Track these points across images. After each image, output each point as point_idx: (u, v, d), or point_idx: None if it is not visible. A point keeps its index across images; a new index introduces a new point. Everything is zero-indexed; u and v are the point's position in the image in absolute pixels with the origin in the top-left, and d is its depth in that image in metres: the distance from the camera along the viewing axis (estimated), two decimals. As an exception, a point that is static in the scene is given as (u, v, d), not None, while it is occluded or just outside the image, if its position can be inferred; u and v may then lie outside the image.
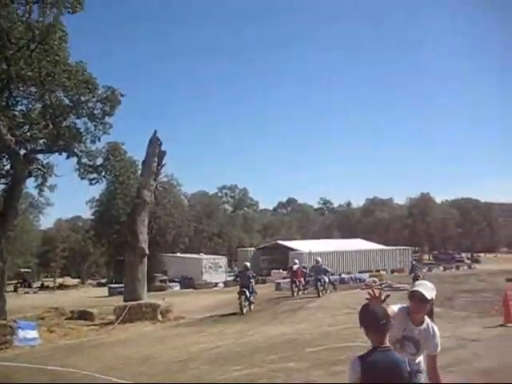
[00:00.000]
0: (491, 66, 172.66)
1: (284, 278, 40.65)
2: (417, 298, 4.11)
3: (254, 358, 10.63)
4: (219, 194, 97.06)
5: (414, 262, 39.84)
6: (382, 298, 3.75)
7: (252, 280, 20.86)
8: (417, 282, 4.38)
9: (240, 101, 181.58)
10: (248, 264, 22.40)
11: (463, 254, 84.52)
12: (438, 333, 4.20)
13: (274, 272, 49.48)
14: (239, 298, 20.05)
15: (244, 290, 20.15)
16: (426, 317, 4.20)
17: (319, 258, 26.87)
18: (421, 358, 4.23)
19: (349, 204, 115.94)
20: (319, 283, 23.62)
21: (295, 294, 24.98)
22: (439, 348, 4.18)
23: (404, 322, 4.15)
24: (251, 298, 20.67)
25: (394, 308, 4.12)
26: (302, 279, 25.62)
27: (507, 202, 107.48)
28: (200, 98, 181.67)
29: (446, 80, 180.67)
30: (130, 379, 9.31)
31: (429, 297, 4.10)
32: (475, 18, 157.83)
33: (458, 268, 60.59)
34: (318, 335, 13.14)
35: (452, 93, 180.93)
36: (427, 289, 4.16)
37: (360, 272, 41.11)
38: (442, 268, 60.43)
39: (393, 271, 52.86)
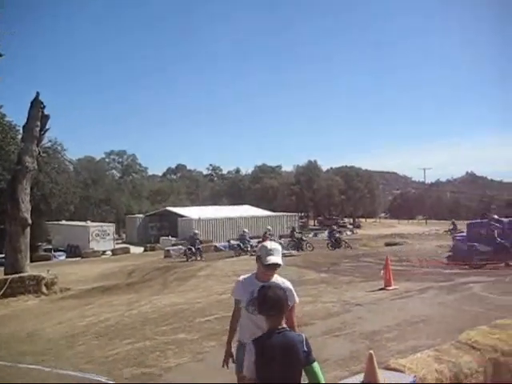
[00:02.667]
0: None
1: (173, 244, 40.51)
2: (273, 267, 4.23)
3: (144, 330, 10.50)
4: (107, 160, 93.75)
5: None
6: None
7: (198, 242, 30.73)
8: (269, 247, 4.31)
9: (128, 63, 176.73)
10: (197, 231, 33.64)
11: (346, 220, 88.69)
12: (289, 284, 4.30)
13: (162, 239, 49.14)
14: (186, 252, 30.52)
15: (191, 247, 30.30)
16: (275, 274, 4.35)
17: (246, 230, 34.23)
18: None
19: (238, 171, 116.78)
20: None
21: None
22: (296, 299, 4.29)
23: (250, 286, 4.24)
24: (197, 254, 30.04)
25: (240, 279, 4.47)
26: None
27: (387, 170, 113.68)
28: (85, 59, 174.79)
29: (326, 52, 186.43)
30: (11, 360, 8.84)
31: (282, 262, 4.27)
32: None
33: (341, 233, 63.43)
34: (208, 304, 13.20)
35: (328, 66, 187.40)
36: (279, 253, 4.29)
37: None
38: (326, 233, 62.90)
39: (281, 237, 54.21)
